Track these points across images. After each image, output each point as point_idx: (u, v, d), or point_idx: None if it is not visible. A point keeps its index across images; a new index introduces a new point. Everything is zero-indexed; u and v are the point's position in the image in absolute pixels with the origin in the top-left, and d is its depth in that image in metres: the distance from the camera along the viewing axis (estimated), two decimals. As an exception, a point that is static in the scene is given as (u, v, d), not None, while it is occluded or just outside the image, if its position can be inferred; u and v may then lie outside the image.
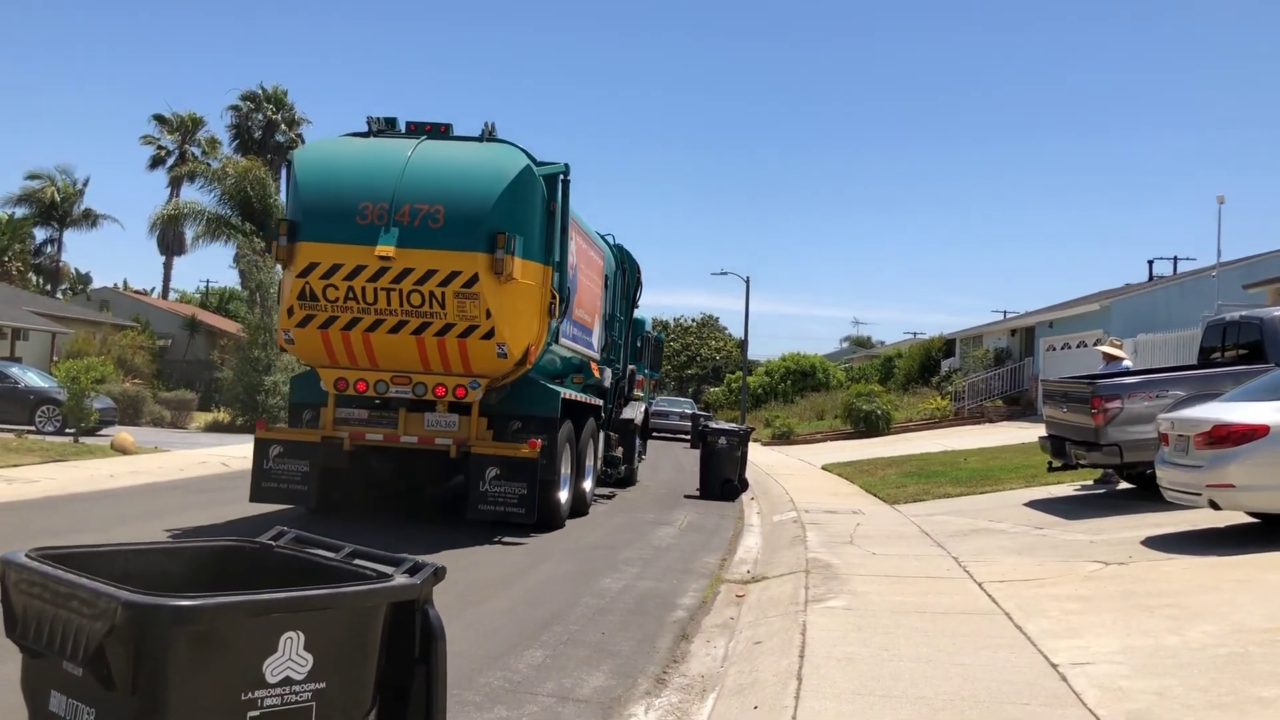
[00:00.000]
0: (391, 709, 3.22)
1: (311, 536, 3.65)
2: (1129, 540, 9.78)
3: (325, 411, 11.87)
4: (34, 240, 58.47)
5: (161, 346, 43.92)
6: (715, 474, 17.44)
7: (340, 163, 11.65)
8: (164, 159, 58.51)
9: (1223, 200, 26.69)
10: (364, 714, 3.11)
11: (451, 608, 6.99)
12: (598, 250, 15.29)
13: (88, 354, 29.96)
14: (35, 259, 58.90)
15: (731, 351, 75.34)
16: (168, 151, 58.58)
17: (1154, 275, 39.55)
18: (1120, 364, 14.62)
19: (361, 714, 3.10)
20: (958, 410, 35.11)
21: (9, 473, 14.66)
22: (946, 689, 5.27)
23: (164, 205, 53.43)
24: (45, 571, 2.86)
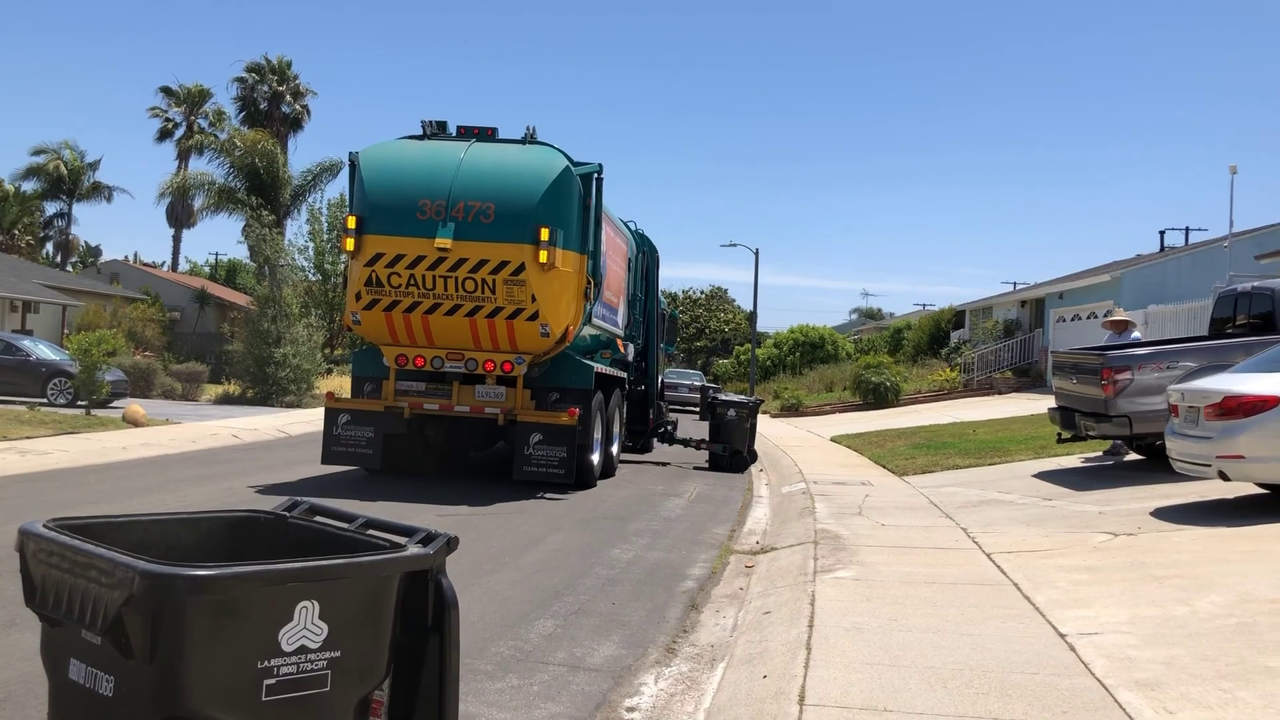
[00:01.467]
0: (405, 677, 3.25)
1: (325, 506, 3.67)
2: (1138, 511, 9.80)
3: (386, 384, 13.29)
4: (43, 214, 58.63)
5: (172, 319, 44.07)
6: (724, 445, 17.58)
7: (401, 164, 13.03)
8: (171, 131, 58.51)
9: (1235, 170, 26.50)
10: (378, 682, 3.15)
11: (465, 577, 7.06)
12: (622, 236, 16.46)
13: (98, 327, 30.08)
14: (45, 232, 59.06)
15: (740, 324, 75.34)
16: (175, 124, 58.56)
17: (1165, 246, 39.34)
18: (1131, 331, 14.58)
19: (376, 682, 3.13)
20: (967, 382, 35.08)
21: (22, 444, 14.76)
22: (955, 659, 5.30)
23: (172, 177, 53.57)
24: (63, 541, 2.89)
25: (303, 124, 56.40)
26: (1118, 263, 36.69)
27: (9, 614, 5.89)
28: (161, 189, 55.20)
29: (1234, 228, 27.71)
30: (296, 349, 30.29)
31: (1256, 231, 30.44)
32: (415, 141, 13.54)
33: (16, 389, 24.22)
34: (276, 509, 3.64)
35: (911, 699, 4.67)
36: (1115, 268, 33.75)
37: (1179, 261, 31.94)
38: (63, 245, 60.46)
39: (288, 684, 2.84)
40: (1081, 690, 4.75)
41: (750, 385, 45.64)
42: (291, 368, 29.97)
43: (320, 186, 43.32)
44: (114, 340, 22.24)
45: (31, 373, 24.99)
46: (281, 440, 19.45)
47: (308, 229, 42.17)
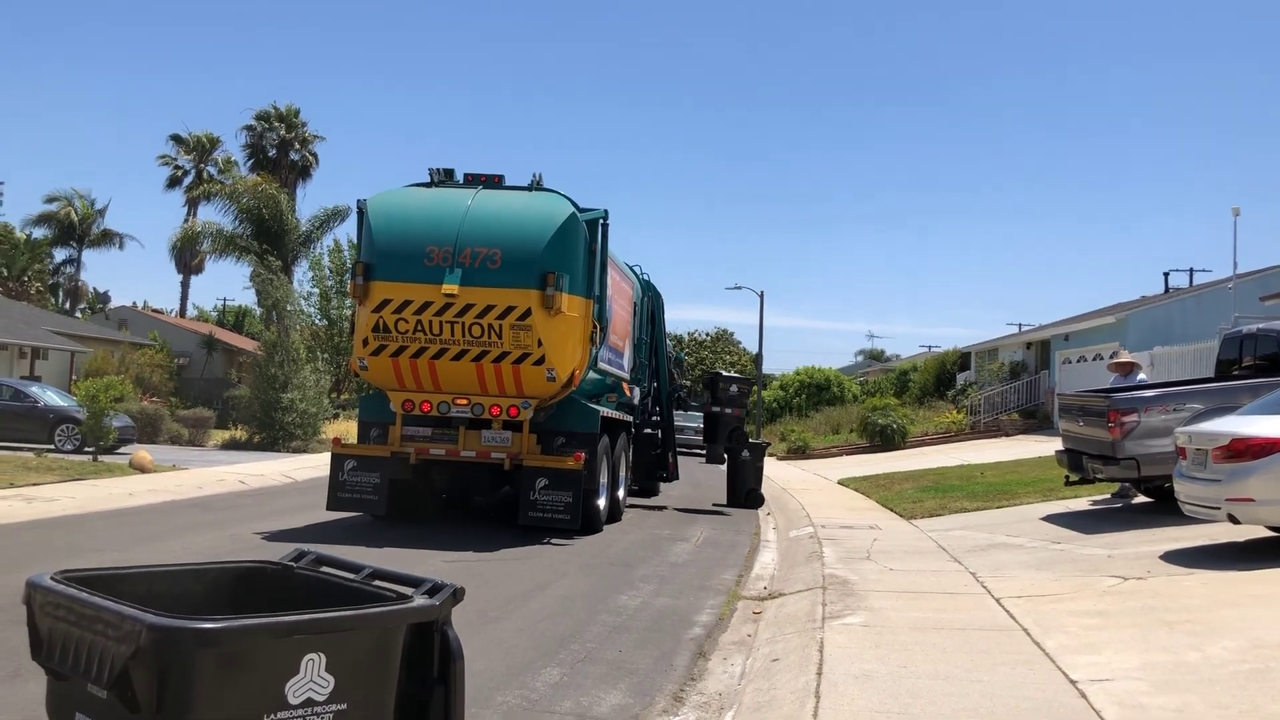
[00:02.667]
0: (410, 728, 3.24)
1: (331, 556, 3.68)
2: (1147, 555, 9.74)
3: (393, 429, 13.28)
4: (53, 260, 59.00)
5: (179, 364, 44.19)
6: (741, 484, 18.64)
7: (408, 211, 13.15)
8: (181, 179, 59.00)
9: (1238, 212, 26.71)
10: (385, 734, 3.14)
11: (471, 624, 7.02)
12: (628, 281, 16.56)
13: (106, 373, 30.17)
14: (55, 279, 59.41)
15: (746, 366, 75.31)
16: (184, 171, 59.07)
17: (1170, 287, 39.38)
18: (1137, 374, 14.56)
19: (382, 734, 3.12)
20: (974, 424, 35.01)
21: (29, 491, 14.76)
22: (965, 706, 5.26)
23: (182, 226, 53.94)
24: (70, 594, 2.90)
25: (311, 171, 56.85)
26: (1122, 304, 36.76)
27: (13, 664, 5.86)
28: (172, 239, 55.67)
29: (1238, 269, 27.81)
30: (303, 394, 30.33)
31: (1261, 273, 30.49)
32: (423, 189, 13.65)
33: (24, 435, 24.24)
34: (283, 559, 3.64)
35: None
36: (1120, 309, 33.80)
37: (1184, 303, 31.97)
38: (72, 292, 60.76)
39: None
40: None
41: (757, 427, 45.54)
42: (298, 412, 30.00)
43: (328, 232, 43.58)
44: (121, 386, 22.30)
45: (39, 419, 25.03)
46: (288, 486, 19.44)
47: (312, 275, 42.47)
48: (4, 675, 5.77)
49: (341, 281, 39.89)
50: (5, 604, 7.37)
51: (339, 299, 40.40)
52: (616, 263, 15.16)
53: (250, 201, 42.30)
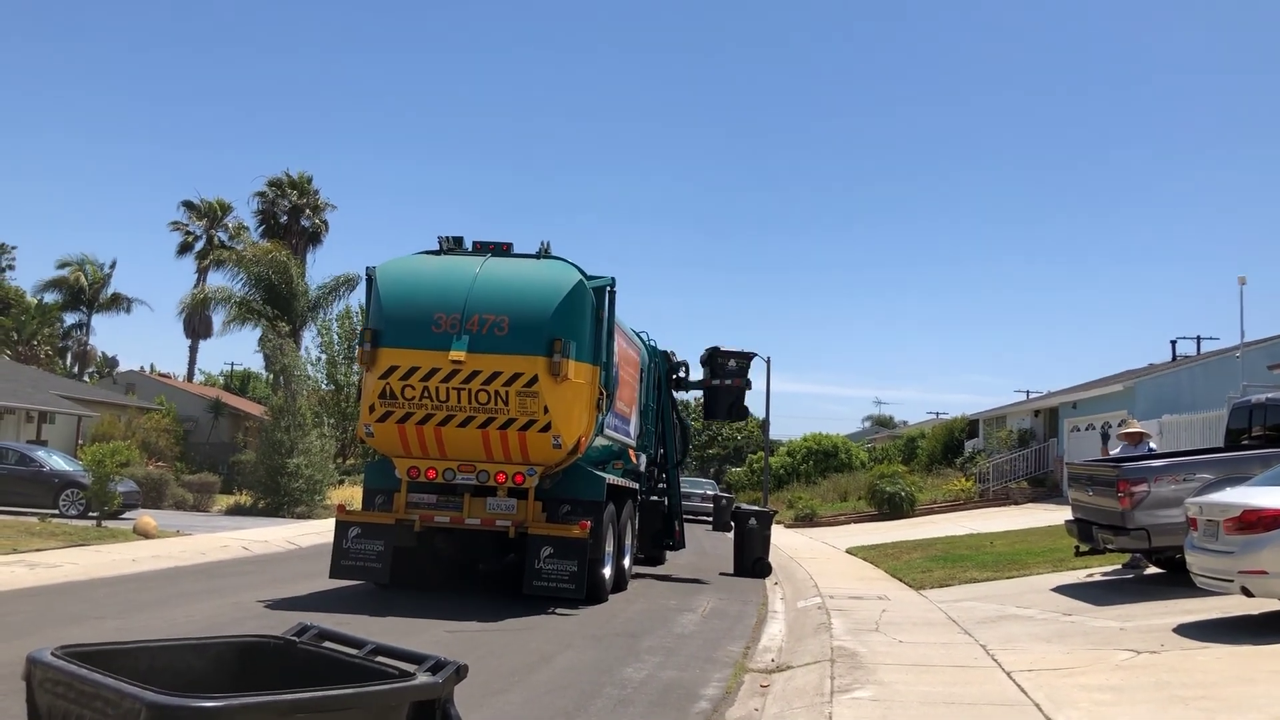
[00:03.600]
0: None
1: (334, 632, 3.64)
2: (1160, 628, 9.61)
3: (398, 496, 13.22)
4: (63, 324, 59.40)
5: (186, 429, 44.20)
6: (748, 553, 18.59)
7: (417, 278, 13.23)
8: (192, 244, 59.49)
9: (1244, 281, 26.75)
10: (386, 816, 3.08)
11: (474, 697, 6.93)
12: (635, 347, 16.56)
13: (113, 437, 30.20)
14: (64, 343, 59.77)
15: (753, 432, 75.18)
16: (195, 237, 59.59)
17: (1177, 355, 39.39)
18: (1147, 444, 14.49)
19: (383, 816, 3.07)
20: (982, 492, 34.81)
21: (32, 557, 14.70)
22: (977, 786, 5.16)
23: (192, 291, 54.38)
24: (70, 670, 2.87)
25: (321, 238, 57.31)
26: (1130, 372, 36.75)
27: (11, 737, 5.79)
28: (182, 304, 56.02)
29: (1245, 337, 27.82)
30: (309, 459, 30.31)
31: (1268, 341, 30.49)
32: (432, 256, 13.75)
33: (29, 500, 24.20)
34: (286, 634, 3.61)
35: (933, 830, 4.52)
36: (1128, 377, 33.78)
37: (1191, 371, 31.94)
38: (80, 356, 61.07)
39: (294, 819, 2.78)
40: (1109, 821, 4.60)
41: (764, 494, 45.34)
42: (304, 478, 29.96)
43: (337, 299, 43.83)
44: (127, 451, 22.29)
45: (44, 483, 25.00)
46: (291, 552, 19.33)
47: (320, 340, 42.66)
48: (1, 748, 5.69)
49: (349, 347, 40.07)
50: (4, 674, 7.30)
51: (346, 364, 40.55)
52: (623, 329, 15.20)
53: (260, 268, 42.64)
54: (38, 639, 3.05)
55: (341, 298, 43.70)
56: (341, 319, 42.52)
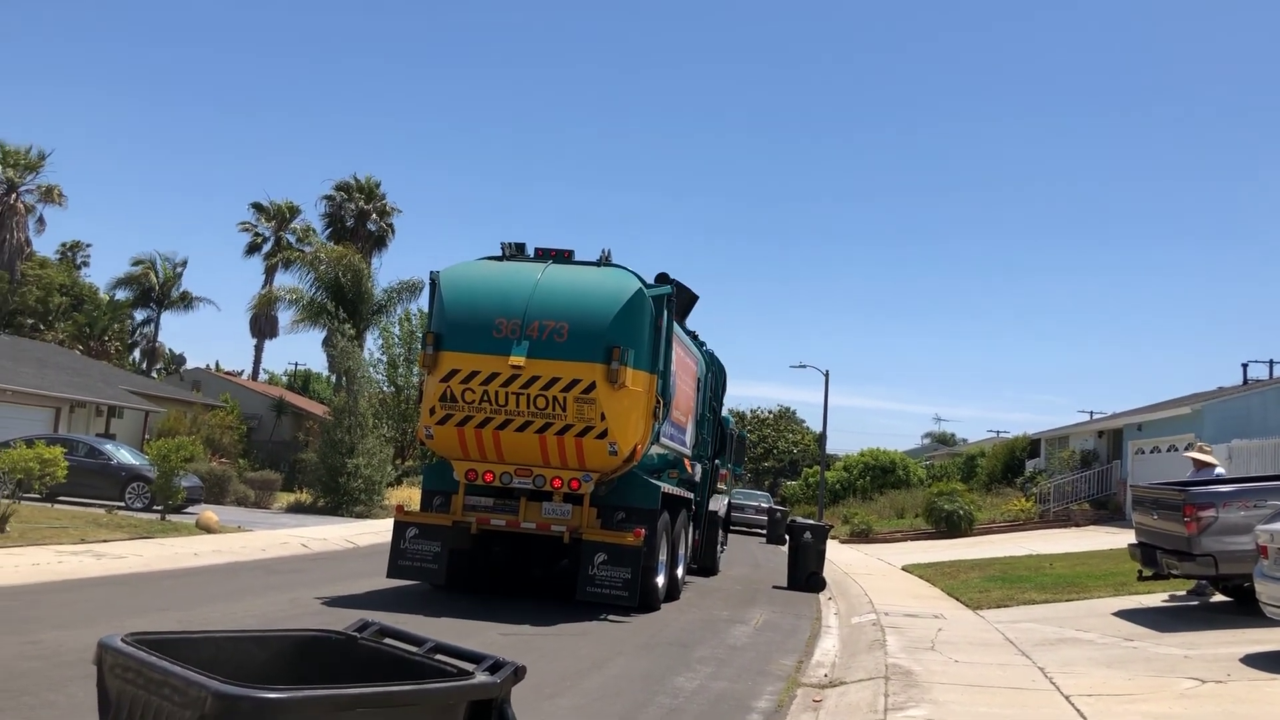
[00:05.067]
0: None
1: (394, 629, 3.68)
2: (1226, 657, 9.38)
3: (455, 499, 13.34)
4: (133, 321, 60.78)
5: (249, 426, 44.93)
6: (802, 567, 18.45)
7: (479, 284, 13.36)
8: (260, 245, 60.53)
9: (1320, 303, 26.04)
10: (441, 813, 3.10)
11: (527, 700, 6.95)
12: (692, 356, 16.55)
13: (178, 433, 30.80)
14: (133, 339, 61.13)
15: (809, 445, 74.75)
16: (264, 238, 60.62)
17: (1248, 379, 38.43)
18: (1213, 471, 14.16)
19: (438, 813, 3.09)
20: (1043, 513, 34.24)
21: (99, 548, 15.03)
22: (1034, 810, 5.07)
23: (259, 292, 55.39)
24: (140, 658, 2.93)
25: (387, 242, 58.04)
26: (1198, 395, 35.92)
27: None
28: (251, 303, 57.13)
29: (1320, 361, 27.06)
30: (368, 460, 30.66)
31: (1344, 366, 29.66)
32: (494, 262, 13.87)
33: (96, 492, 24.78)
34: (347, 629, 3.65)
35: None
36: (1196, 400, 33.03)
37: (1263, 395, 31.14)
38: (149, 352, 62.42)
39: (351, 812, 2.81)
40: None
41: (819, 509, 45.03)
42: (363, 478, 30.30)
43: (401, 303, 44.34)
44: (192, 447, 22.71)
45: (111, 476, 25.56)
46: (349, 551, 19.56)
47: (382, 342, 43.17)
48: (67, 732, 5.83)
49: (411, 350, 40.51)
50: (74, 660, 7.49)
51: (406, 367, 41.00)
52: (681, 338, 15.21)
53: (328, 270, 43.26)
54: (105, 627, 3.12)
55: (405, 302, 44.23)
56: (403, 322, 43.05)
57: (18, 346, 38.44)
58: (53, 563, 13.18)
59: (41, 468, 18.21)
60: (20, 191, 50.03)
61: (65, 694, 6.60)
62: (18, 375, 32.46)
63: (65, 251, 62.38)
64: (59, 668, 7.37)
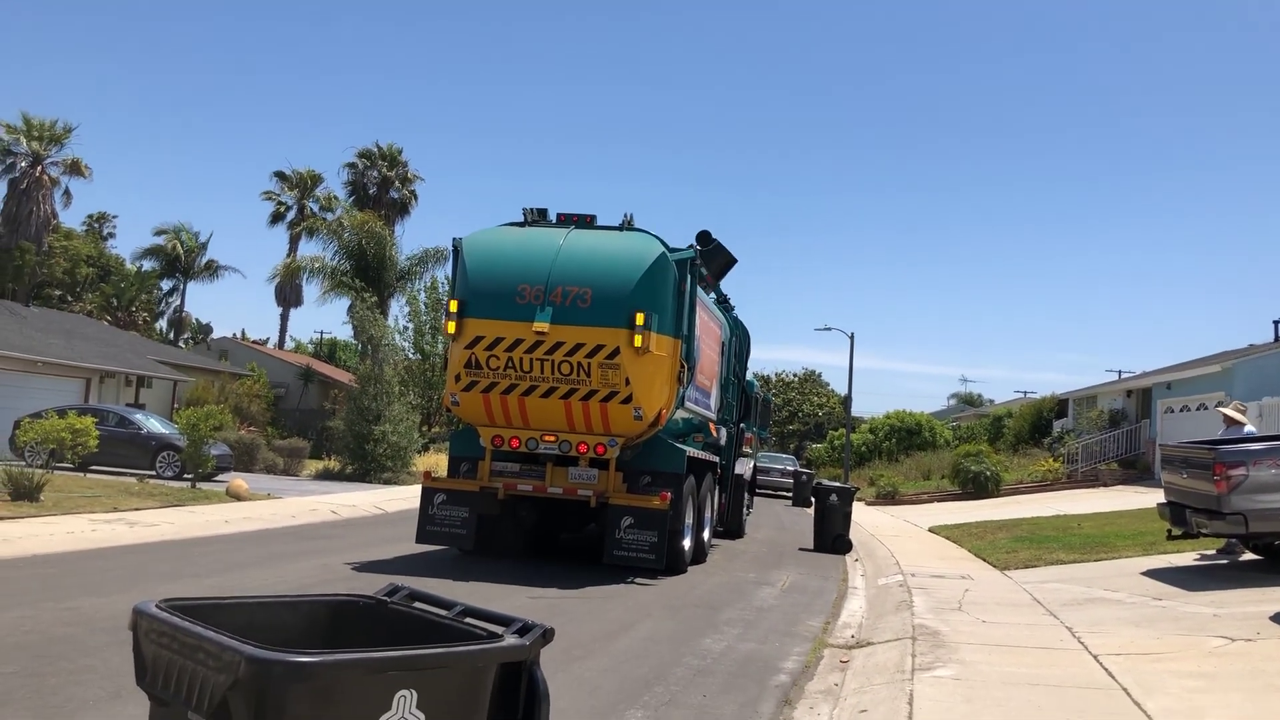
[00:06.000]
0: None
1: (424, 593, 3.71)
2: (1256, 615, 9.34)
3: (482, 465, 13.46)
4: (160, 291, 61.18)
5: (276, 395, 45.27)
6: (828, 529, 18.47)
7: (502, 250, 13.37)
8: (283, 214, 60.70)
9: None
10: (473, 774, 3.14)
11: (555, 662, 7.01)
12: (716, 321, 16.52)
13: (207, 402, 31.07)
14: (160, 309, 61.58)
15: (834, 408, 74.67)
16: (287, 207, 60.77)
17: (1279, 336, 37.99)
18: (1243, 429, 14.04)
19: (470, 773, 3.12)
20: (1070, 473, 34.09)
21: (131, 516, 15.22)
22: (1062, 768, 5.08)
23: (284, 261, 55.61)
24: (174, 623, 2.96)
25: (410, 209, 58.06)
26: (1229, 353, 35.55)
27: (115, 685, 6.03)
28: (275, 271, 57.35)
29: (1353, 318, 26.67)
30: (395, 427, 30.86)
31: (1377, 322, 29.24)
32: (516, 228, 13.86)
33: (127, 461, 25.08)
34: (377, 594, 3.69)
35: (1016, 810, 4.47)
36: (1226, 358, 32.69)
37: (1294, 352, 30.78)
38: (176, 322, 62.86)
39: (385, 773, 2.85)
40: (1199, 808, 4.50)
41: (845, 471, 45.02)
42: (390, 445, 30.52)
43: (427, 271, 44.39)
44: (221, 415, 22.90)
45: (142, 446, 25.85)
46: (378, 517, 19.74)
47: (408, 310, 43.30)
48: (106, 696, 5.93)
49: (436, 317, 40.64)
50: (109, 626, 7.61)
51: (432, 334, 41.15)
52: (705, 303, 15.18)
53: (352, 237, 43.36)
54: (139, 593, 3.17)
55: (430, 269, 44.29)
56: (429, 290, 43.15)
57: (47, 318, 38.79)
58: (87, 531, 13.37)
59: (73, 438, 18.45)
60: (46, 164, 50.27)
61: (101, 659, 6.71)
62: (48, 346, 32.79)
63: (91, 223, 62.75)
64: (95, 634, 7.49)
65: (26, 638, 7.31)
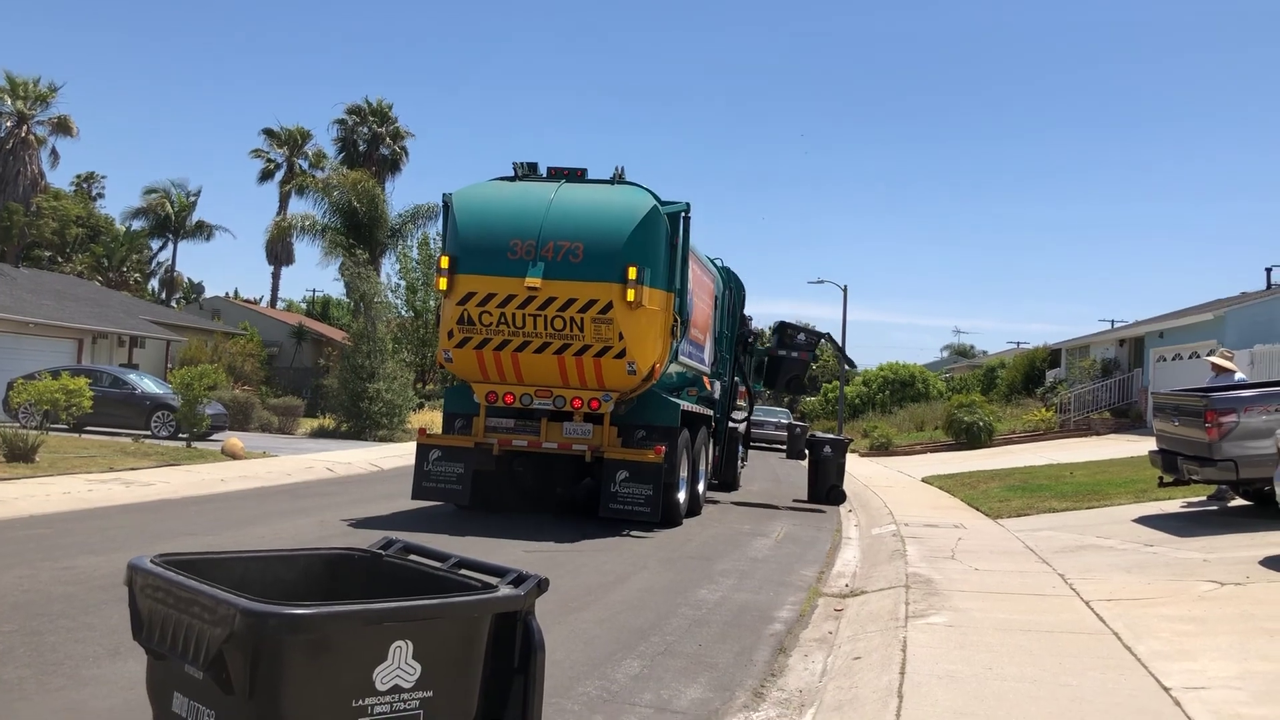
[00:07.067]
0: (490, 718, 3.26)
1: (419, 545, 3.73)
2: (1246, 560, 9.43)
3: (477, 421, 13.45)
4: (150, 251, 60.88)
5: (270, 354, 45.22)
6: (823, 481, 18.54)
7: (493, 205, 13.28)
8: (273, 172, 60.28)
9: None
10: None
11: (552, 614, 7.06)
12: (709, 274, 16.46)
13: (200, 361, 31.01)
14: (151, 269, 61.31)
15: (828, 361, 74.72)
16: (276, 165, 60.33)
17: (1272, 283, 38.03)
18: (1233, 376, 14.09)
19: (466, 722, 3.16)
20: (1063, 422, 34.25)
21: (127, 476, 15.25)
22: (1053, 710, 5.15)
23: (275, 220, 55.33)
24: (169, 578, 2.98)
25: (400, 165, 57.70)
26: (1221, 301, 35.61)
27: (113, 642, 6.06)
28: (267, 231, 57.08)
29: (1345, 265, 26.68)
30: (389, 384, 30.87)
31: (1370, 268, 29.27)
32: (507, 183, 13.75)
33: (122, 421, 25.09)
34: (372, 547, 3.70)
35: (1008, 752, 4.53)
36: (1218, 306, 32.76)
37: (1287, 299, 30.83)
38: (168, 282, 62.64)
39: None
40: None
41: (839, 423, 45.17)
42: (384, 402, 30.55)
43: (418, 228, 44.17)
44: (215, 375, 22.90)
45: (136, 406, 25.85)
46: (373, 474, 19.79)
47: (400, 267, 43.13)
48: (105, 653, 5.97)
49: (428, 274, 40.52)
50: (106, 584, 7.65)
51: (425, 291, 41.04)
52: (698, 256, 15.12)
53: (342, 195, 43.09)
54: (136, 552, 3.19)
55: (421, 226, 44.07)
56: (422, 246, 42.97)
57: (38, 279, 38.60)
58: (83, 491, 13.39)
59: (67, 398, 18.45)
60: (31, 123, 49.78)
61: (100, 617, 6.75)
62: (39, 308, 32.66)
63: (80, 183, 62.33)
64: (93, 592, 7.53)
65: (25, 597, 7.34)
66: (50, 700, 5.15)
